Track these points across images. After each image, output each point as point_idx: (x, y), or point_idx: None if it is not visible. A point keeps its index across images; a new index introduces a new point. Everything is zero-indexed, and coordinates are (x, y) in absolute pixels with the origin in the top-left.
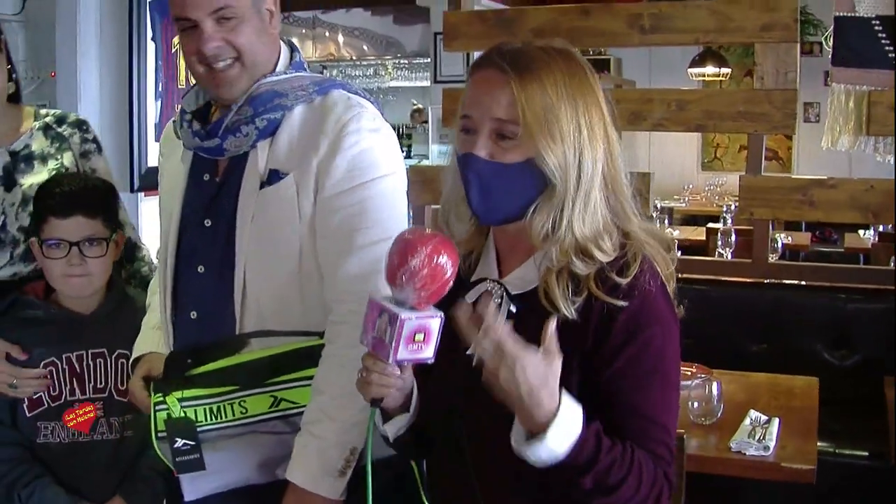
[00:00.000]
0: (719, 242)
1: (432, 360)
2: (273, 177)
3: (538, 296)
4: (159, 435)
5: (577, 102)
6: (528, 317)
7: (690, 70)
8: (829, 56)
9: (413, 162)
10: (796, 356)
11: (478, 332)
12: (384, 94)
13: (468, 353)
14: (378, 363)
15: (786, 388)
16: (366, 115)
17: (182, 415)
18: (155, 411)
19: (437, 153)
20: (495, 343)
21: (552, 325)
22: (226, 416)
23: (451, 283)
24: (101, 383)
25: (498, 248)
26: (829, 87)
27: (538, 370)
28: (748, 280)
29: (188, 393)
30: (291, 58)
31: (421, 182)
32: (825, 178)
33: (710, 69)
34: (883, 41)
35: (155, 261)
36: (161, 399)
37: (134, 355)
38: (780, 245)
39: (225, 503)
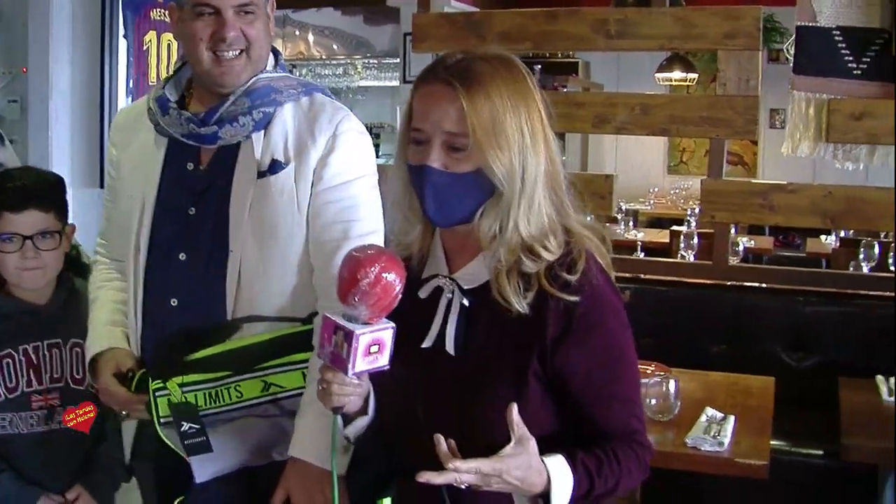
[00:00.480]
0: (682, 245)
1: (388, 367)
2: (275, 166)
3: (489, 290)
4: (162, 420)
5: (520, 110)
6: (480, 310)
7: (658, 75)
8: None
9: (382, 161)
10: (755, 357)
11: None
12: (353, 94)
13: (423, 346)
14: (337, 375)
15: (743, 388)
16: (353, 117)
17: (183, 399)
18: (155, 397)
19: None
20: (473, 474)
21: (514, 412)
22: (223, 401)
23: (399, 297)
24: (57, 373)
25: (446, 247)
26: (791, 94)
27: (520, 464)
28: (709, 282)
29: (188, 378)
30: (276, 60)
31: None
32: (785, 183)
33: (676, 74)
34: (843, 51)
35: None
36: (161, 385)
37: (91, 353)
38: (741, 248)
39: (224, 485)
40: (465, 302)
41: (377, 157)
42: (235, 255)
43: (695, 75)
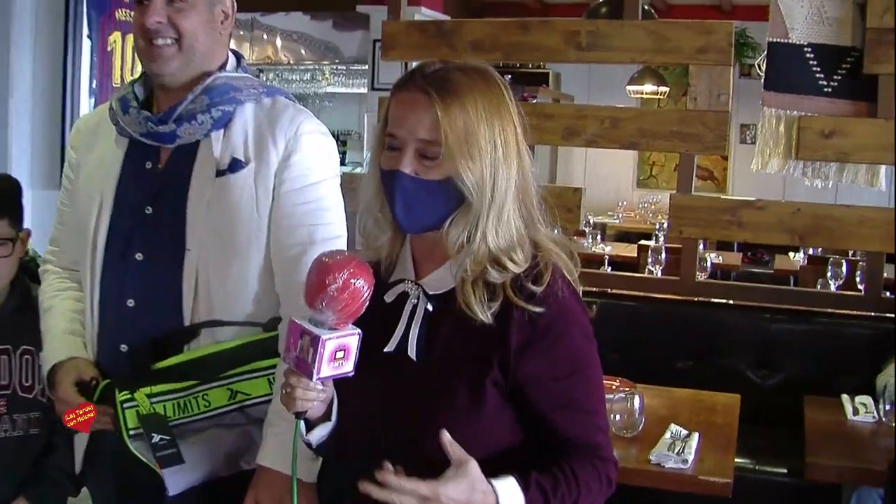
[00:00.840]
0: (650, 260)
1: (353, 374)
2: (235, 165)
3: (454, 298)
4: (131, 433)
5: (494, 123)
6: (444, 316)
7: (629, 87)
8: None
9: (348, 169)
10: (721, 374)
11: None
12: (321, 100)
13: (385, 350)
14: (301, 380)
15: (708, 405)
16: (314, 119)
17: (151, 410)
18: (124, 409)
19: None
20: (412, 496)
21: (446, 436)
22: (192, 410)
23: (367, 302)
24: (4, 380)
25: (414, 254)
26: (761, 110)
27: (461, 488)
28: (677, 298)
29: (156, 389)
30: (238, 63)
31: (354, 190)
32: (754, 199)
33: (648, 87)
34: (814, 68)
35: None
36: (129, 396)
37: (51, 362)
38: (709, 264)
39: (195, 496)
40: (429, 307)
41: (343, 164)
42: (192, 255)
43: (666, 89)
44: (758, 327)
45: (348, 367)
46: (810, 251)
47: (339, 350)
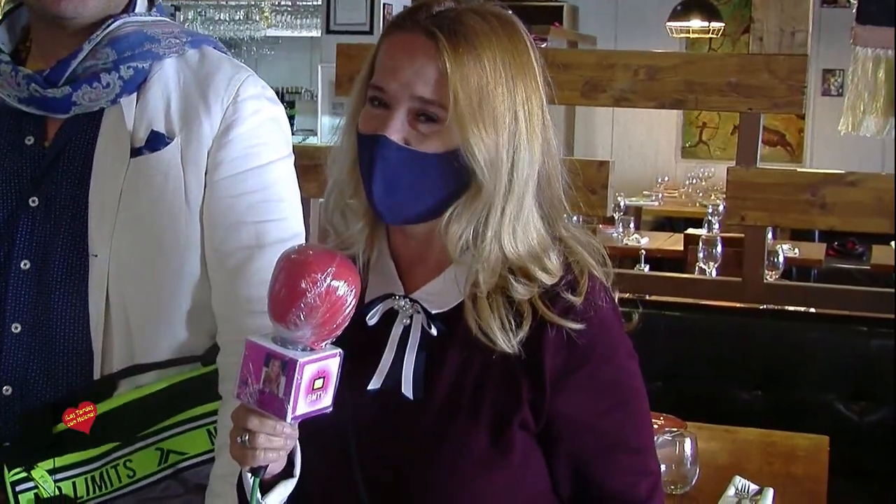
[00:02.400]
0: (701, 255)
1: (330, 410)
2: (155, 140)
3: (460, 315)
4: None
5: (517, 87)
6: (448, 341)
7: (669, 24)
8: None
9: (297, 140)
10: (801, 408)
11: None
12: (258, 47)
13: (369, 387)
14: (266, 423)
15: (785, 449)
16: (258, 79)
17: (56, 492)
18: (16, 493)
19: (329, 128)
20: None
21: None
22: (112, 485)
23: (352, 313)
24: None
25: (397, 256)
26: (853, 51)
27: None
28: (738, 306)
29: (61, 461)
30: (151, 3)
31: (307, 167)
32: (842, 172)
33: (695, 24)
34: None
35: None
36: (23, 475)
37: None
38: (781, 260)
39: None
40: (434, 331)
41: (292, 133)
42: (100, 262)
43: (720, 24)
44: (851, 345)
45: (326, 401)
46: None
47: (318, 377)
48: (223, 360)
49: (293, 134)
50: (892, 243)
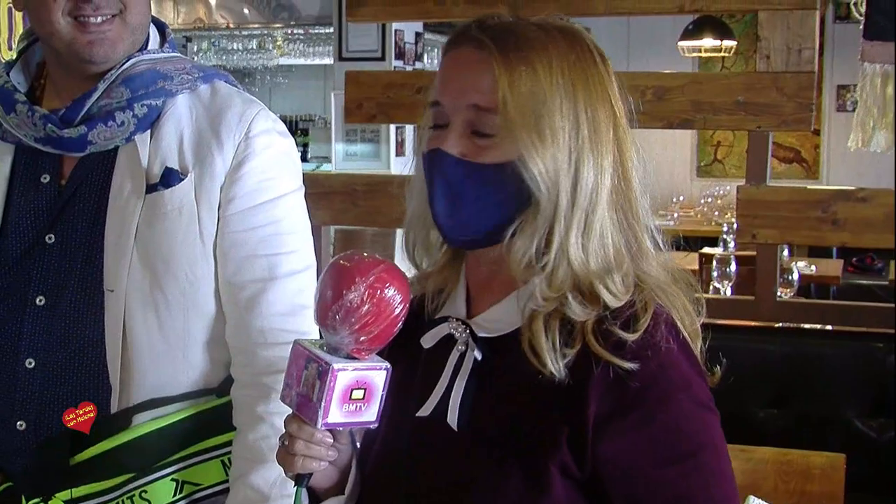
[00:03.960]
0: (715, 273)
1: (376, 425)
2: (170, 177)
3: (514, 343)
4: None
5: (577, 95)
6: (499, 370)
7: (681, 43)
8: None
9: (310, 167)
10: (817, 425)
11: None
12: (272, 75)
13: (418, 414)
14: (304, 428)
15: (801, 468)
16: (269, 113)
17: None
18: None
19: (343, 155)
20: None
21: None
22: None
23: (400, 324)
24: None
25: (469, 283)
26: (861, 67)
27: None
28: (752, 324)
29: (78, 492)
30: (163, 37)
31: (318, 196)
32: (853, 188)
33: (707, 42)
34: None
35: None
36: None
37: None
38: (796, 277)
39: None
40: (477, 355)
41: (305, 160)
42: (116, 297)
43: (732, 43)
44: (869, 361)
45: (370, 416)
46: None
47: (358, 388)
48: (237, 391)
49: (307, 161)
50: None
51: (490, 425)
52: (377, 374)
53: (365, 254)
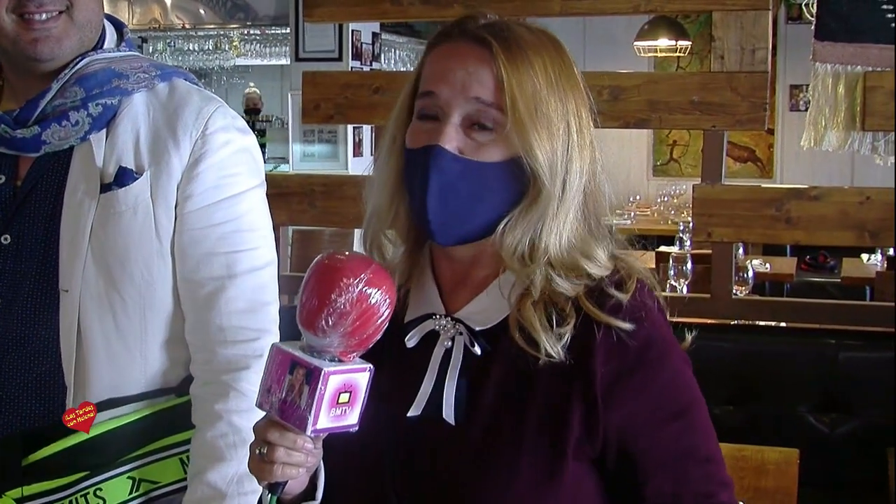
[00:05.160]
0: (671, 272)
1: (356, 429)
2: (124, 176)
3: (502, 333)
4: None
5: (567, 97)
6: (490, 361)
7: (637, 44)
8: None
9: (267, 168)
10: (771, 421)
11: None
12: (229, 76)
13: (409, 414)
14: (286, 436)
15: (755, 463)
16: (228, 110)
17: None
18: None
19: (301, 156)
20: None
21: None
22: None
23: (385, 325)
24: None
25: (440, 280)
26: (812, 67)
27: None
28: (708, 321)
29: (29, 490)
30: (121, 36)
31: (275, 196)
32: (806, 187)
33: (663, 42)
34: (883, 6)
35: None
36: None
37: None
38: (751, 275)
39: None
40: (478, 349)
41: (263, 161)
42: (71, 297)
43: (687, 43)
44: (821, 358)
45: (352, 419)
46: (890, 251)
47: (345, 391)
48: (196, 389)
49: (265, 162)
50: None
51: (489, 417)
52: (362, 376)
53: (347, 253)
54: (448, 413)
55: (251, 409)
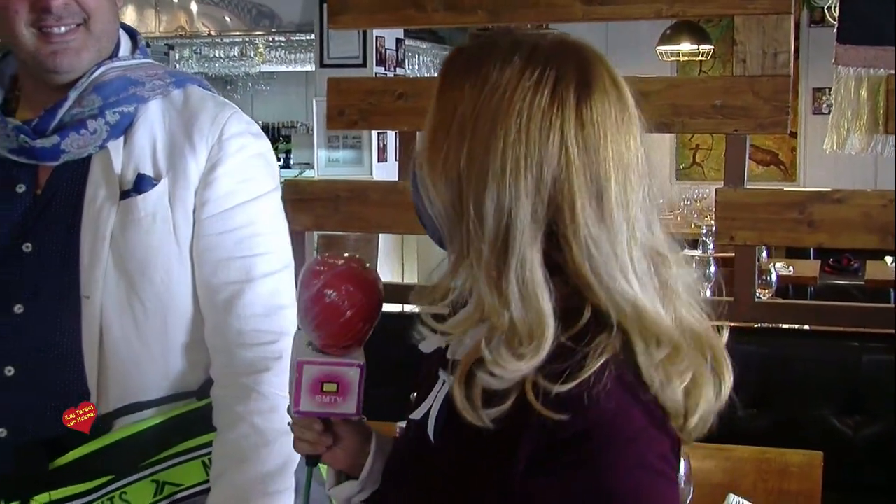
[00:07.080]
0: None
1: (357, 417)
2: (143, 183)
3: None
4: None
5: (462, 94)
6: None
7: (659, 48)
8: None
9: (293, 174)
10: (795, 424)
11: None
12: (254, 82)
13: (410, 416)
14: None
15: (779, 466)
16: (242, 115)
17: None
18: None
19: (326, 161)
20: None
21: None
22: None
23: (360, 325)
24: None
25: None
26: (835, 70)
27: None
28: (731, 324)
29: (57, 494)
30: (135, 44)
31: (300, 201)
32: (829, 190)
33: (685, 47)
34: None
35: None
36: None
37: None
38: (774, 278)
39: None
40: (443, 377)
41: (287, 167)
42: (93, 303)
43: (709, 47)
44: (845, 361)
45: (348, 408)
46: None
47: (328, 381)
48: (217, 392)
49: (290, 168)
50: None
51: (460, 445)
52: (349, 371)
53: (328, 257)
54: (430, 428)
55: (272, 411)
